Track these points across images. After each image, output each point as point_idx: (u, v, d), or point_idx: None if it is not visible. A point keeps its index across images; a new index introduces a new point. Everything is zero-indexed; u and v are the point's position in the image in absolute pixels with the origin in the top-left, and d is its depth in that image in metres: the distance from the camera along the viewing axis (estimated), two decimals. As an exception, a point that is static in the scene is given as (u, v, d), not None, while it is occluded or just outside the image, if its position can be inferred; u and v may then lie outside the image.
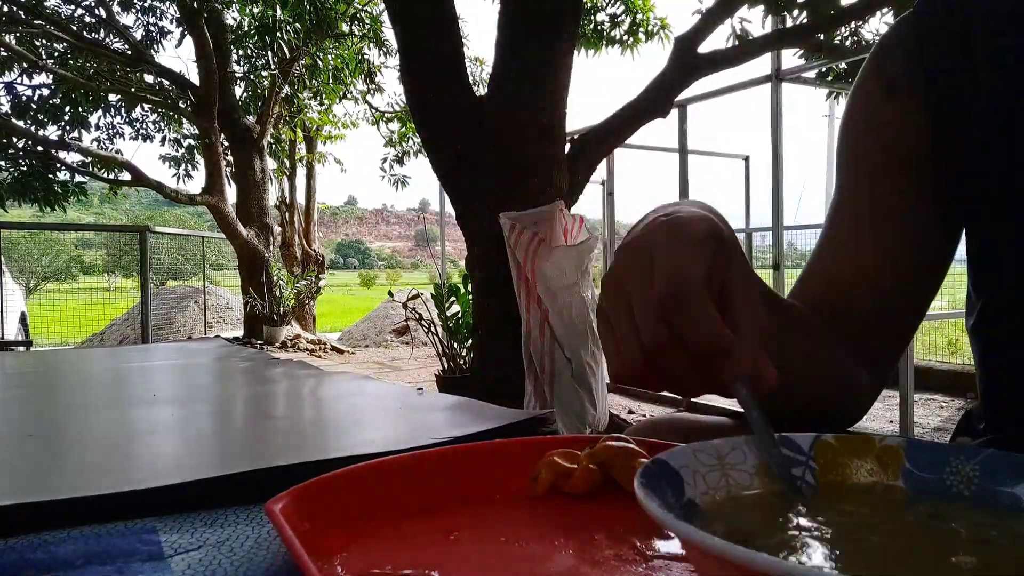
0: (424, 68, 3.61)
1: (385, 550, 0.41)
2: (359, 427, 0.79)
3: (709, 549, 0.25)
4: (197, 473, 0.52)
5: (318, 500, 0.44)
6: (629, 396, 5.47)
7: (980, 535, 0.33)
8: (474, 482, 0.50)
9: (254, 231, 9.24)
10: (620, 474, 0.48)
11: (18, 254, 8.77)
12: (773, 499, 0.38)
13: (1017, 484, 0.36)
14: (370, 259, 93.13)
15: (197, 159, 10.63)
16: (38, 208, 8.96)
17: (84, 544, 0.43)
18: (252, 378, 1.11)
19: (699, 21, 3.92)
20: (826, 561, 0.30)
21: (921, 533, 0.34)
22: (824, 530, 0.34)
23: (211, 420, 0.82)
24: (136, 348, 1.80)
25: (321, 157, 11.80)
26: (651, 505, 0.29)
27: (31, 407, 0.92)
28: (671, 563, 0.39)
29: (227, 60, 9.28)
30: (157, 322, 8.48)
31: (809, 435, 0.41)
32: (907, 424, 3.95)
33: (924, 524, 0.36)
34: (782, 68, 4.65)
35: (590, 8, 6.59)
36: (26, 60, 8.62)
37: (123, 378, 1.15)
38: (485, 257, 3.71)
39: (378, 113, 11.28)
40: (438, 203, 7.50)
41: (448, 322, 4.87)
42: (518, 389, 3.59)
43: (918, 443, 0.40)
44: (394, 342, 9.56)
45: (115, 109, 10.49)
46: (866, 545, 0.32)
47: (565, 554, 0.41)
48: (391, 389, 1.00)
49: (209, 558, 0.41)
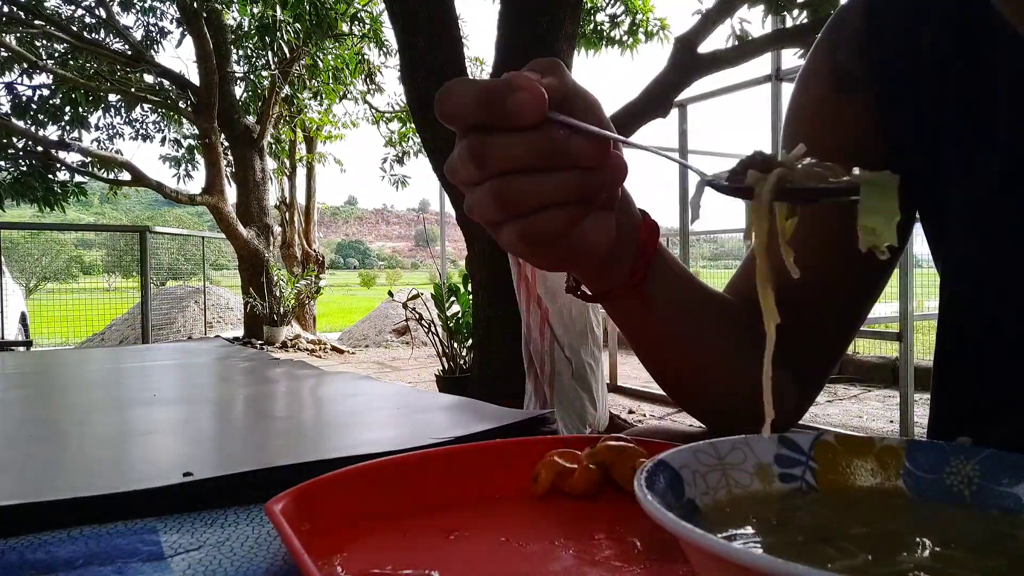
0: (424, 68, 3.61)
1: (385, 550, 0.42)
2: (359, 427, 0.79)
3: (709, 549, 0.25)
4: (197, 473, 0.52)
5: (318, 500, 0.44)
6: (629, 396, 5.47)
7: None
8: (474, 482, 0.50)
9: (254, 231, 9.25)
10: (620, 474, 0.48)
11: (18, 254, 8.78)
12: (773, 499, 0.38)
13: (1017, 484, 0.36)
14: (370, 259, 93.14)
15: (197, 159, 10.63)
16: (38, 208, 8.97)
17: (84, 544, 0.43)
18: (252, 378, 1.11)
19: (699, 21, 3.92)
20: (827, 561, 0.30)
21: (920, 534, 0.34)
22: (825, 530, 0.34)
23: (211, 420, 0.82)
24: (136, 348, 1.80)
25: (321, 157, 11.81)
26: (651, 505, 0.29)
27: (31, 407, 0.92)
28: (671, 563, 0.39)
29: (227, 60, 9.29)
30: (157, 322, 8.48)
31: (809, 435, 0.41)
32: (907, 424, 3.95)
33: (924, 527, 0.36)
34: (782, 68, 4.65)
35: (590, 8, 6.59)
36: (26, 60, 8.63)
37: (123, 378, 1.15)
38: (485, 257, 3.71)
39: (378, 113, 11.28)
40: (438, 203, 7.50)
41: (448, 322, 4.87)
42: (518, 389, 3.58)
43: (918, 443, 0.40)
44: (394, 342, 9.56)
45: (115, 109, 10.50)
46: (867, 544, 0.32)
47: (565, 554, 0.41)
48: (391, 389, 1.00)
49: (209, 558, 0.41)
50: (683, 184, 5.28)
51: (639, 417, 4.68)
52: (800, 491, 0.39)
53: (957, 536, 0.33)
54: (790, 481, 0.39)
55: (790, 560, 0.23)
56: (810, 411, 2.54)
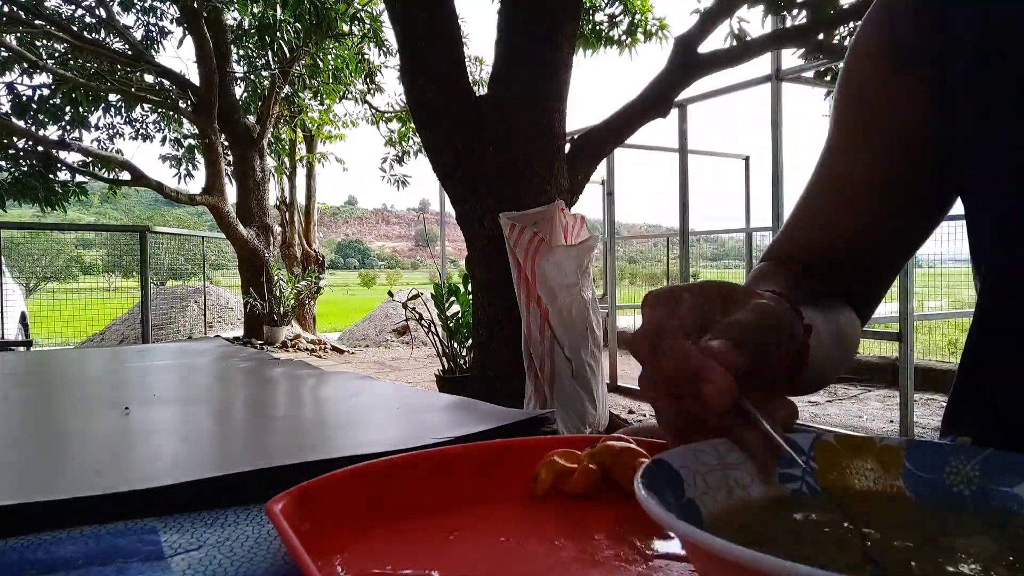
0: (424, 68, 3.61)
1: (385, 550, 0.42)
2: (359, 427, 0.79)
3: (709, 549, 0.25)
4: (197, 473, 0.52)
5: (318, 500, 0.44)
6: (629, 396, 5.47)
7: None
8: (474, 482, 0.50)
9: (254, 231, 9.25)
10: (620, 474, 0.48)
11: (18, 254, 8.76)
12: (774, 499, 0.38)
13: (1017, 484, 0.36)
14: (370, 259, 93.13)
15: (198, 159, 10.63)
16: (40, 208, 8.96)
17: (84, 544, 0.43)
18: (252, 378, 1.10)
19: (699, 21, 3.92)
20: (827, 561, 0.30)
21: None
22: (825, 530, 0.34)
23: (211, 420, 0.82)
24: (136, 348, 1.80)
25: (322, 157, 11.82)
26: (651, 505, 0.29)
27: (31, 407, 0.92)
28: (671, 563, 0.39)
29: (227, 60, 9.28)
30: (157, 322, 8.48)
31: (809, 435, 0.41)
32: (907, 424, 3.95)
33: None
34: (782, 68, 4.65)
35: (589, 8, 6.59)
36: (26, 60, 8.62)
37: (123, 378, 1.15)
38: (485, 257, 3.71)
39: (378, 113, 11.29)
40: (438, 203, 7.49)
41: (448, 322, 4.87)
42: (518, 389, 3.59)
43: (918, 443, 0.40)
44: (394, 342, 9.56)
45: (115, 109, 10.50)
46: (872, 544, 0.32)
47: (565, 554, 0.41)
48: (391, 389, 1.00)
49: (209, 558, 0.41)
50: (683, 184, 5.28)
51: (639, 417, 4.68)
52: (801, 491, 0.39)
53: (957, 536, 0.33)
54: (790, 481, 0.39)
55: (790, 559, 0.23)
56: (810, 411, 2.56)
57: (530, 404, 3.53)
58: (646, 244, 22.29)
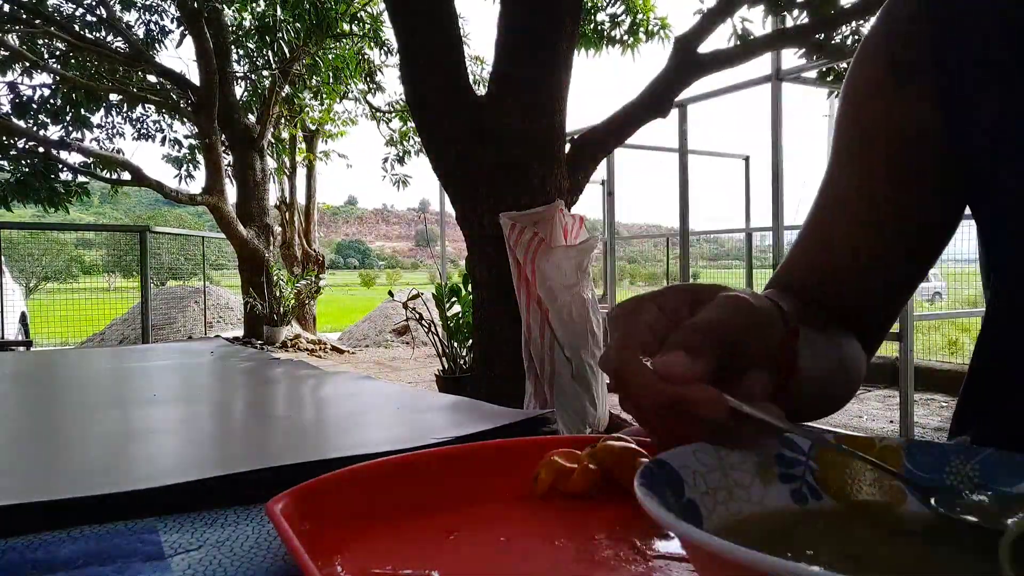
0: (424, 68, 3.61)
1: (385, 550, 0.41)
2: (359, 427, 0.79)
3: (710, 548, 0.25)
4: (197, 473, 0.52)
5: (318, 500, 0.44)
6: (629, 396, 5.46)
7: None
8: (474, 482, 0.50)
9: (254, 231, 9.25)
10: (620, 474, 0.48)
11: (18, 254, 8.76)
12: (774, 499, 0.38)
13: (1017, 484, 0.36)
14: (370, 259, 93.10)
15: (199, 159, 10.63)
16: (42, 209, 8.96)
17: (84, 544, 0.43)
18: (252, 378, 1.10)
19: (699, 21, 3.92)
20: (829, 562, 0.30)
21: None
22: (826, 529, 0.34)
23: (211, 420, 0.82)
24: (136, 348, 1.80)
25: (324, 155, 11.83)
26: (651, 505, 0.29)
27: (31, 407, 0.92)
28: (671, 563, 0.39)
29: (227, 60, 9.28)
30: (157, 322, 8.49)
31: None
32: (907, 424, 3.95)
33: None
34: (782, 68, 4.65)
35: (590, 8, 6.59)
36: (27, 60, 8.62)
37: (123, 378, 1.15)
38: (485, 257, 3.71)
39: (379, 113, 11.29)
40: (438, 203, 7.49)
41: (448, 322, 4.87)
42: (518, 389, 3.58)
43: (918, 443, 0.40)
44: (394, 342, 9.56)
45: (116, 108, 10.50)
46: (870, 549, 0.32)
47: (565, 554, 0.41)
48: (391, 389, 1.00)
49: (209, 558, 0.41)
50: (683, 184, 5.28)
51: (639, 417, 4.67)
52: (802, 491, 0.39)
53: (957, 536, 0.33)
54: (790, 481, 0.39)
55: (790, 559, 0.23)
56: (810, 411, 2.47)
57: (530, 404, 3.53)
58: (646, 244, 22.29)
